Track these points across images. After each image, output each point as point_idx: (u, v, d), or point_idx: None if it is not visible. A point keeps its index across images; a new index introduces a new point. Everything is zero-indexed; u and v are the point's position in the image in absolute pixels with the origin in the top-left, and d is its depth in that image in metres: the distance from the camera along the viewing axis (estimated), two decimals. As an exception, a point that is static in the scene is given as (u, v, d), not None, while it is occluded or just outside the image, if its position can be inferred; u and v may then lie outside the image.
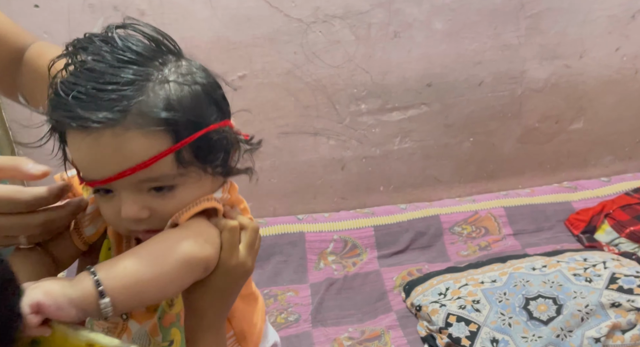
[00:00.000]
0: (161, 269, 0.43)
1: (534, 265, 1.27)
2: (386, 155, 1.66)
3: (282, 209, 1.66)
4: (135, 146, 0.43)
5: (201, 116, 0.45)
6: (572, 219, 1.54)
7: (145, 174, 0.44)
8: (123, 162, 0.43)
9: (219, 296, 0.49)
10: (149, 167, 0.43)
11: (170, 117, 0.43)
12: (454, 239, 1.53)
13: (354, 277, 1.41)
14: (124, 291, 0.41)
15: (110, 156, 0.43)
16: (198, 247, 0.45)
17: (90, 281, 0.39)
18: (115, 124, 0.42)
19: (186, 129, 0.44)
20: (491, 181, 1.74)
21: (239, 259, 0.48)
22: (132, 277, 0.41)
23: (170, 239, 0.45)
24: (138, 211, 0.45)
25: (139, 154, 0.43)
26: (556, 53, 1.61)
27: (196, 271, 0.46)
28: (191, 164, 0.45)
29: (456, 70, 1.58)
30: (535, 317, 1.13)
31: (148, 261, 0.43)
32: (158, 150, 0.43)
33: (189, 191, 0.46)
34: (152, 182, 0.45)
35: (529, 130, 1.69)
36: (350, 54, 1.52)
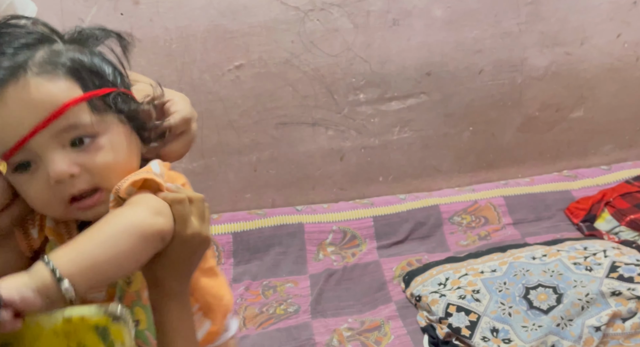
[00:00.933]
0: (116, 245, 0.43)
1: (534, 254, 1.27)
2: (385, 146, 1.64)
3: (281, 200, 1.65)
4: (43, 94, 0.43)
5: (104, 71, 0.48)
6: (572, 208, 1.54)
7: (62, 123, 0.43)
8: (35, 113, 0.42)
9: (179, 266, 0.50)
10: (64, 114, 0.43)
11: (73, 64, 0.45)
12: (453, 229, 1.53)
13: (354, 268, 1.41)
14: (82, 272, 0.40)
15: (21, 111, 0.42)
16: (150, 219, 0.45)
17: (45, 268, 0.39)
18: (17, 77, 0.42)
19: (91, 80, 0.46)
20: (491, 170, 1.73)
21: (193, 230, 0.49)
22: (88, 257, 0.41)
23: (121, 215, 0.45)
24: (67, 166, 0.44)
25: (49, 101, 0.43)
26: (557, 40, 1.59)
27: (152, 243, 0.46)
28: (106, 112, 0.47)
29: (456, 59, 1.56)
30: (536, 307, 1.13)
31: (102, 239, 0.43)
32: (68, 96, 0.44)
33: (113, 141, 0.47)
34: (72, 130, 0.44)
35: (529, 119, 1.68)
36: (348, 42, 1.50)
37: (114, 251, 0.43)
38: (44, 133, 0.43)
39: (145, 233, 0.45)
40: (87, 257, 0.41)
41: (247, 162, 1.59)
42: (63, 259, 0.40)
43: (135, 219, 0.45)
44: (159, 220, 0.46)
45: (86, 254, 0.41)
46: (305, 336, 1.17)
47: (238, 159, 1.58)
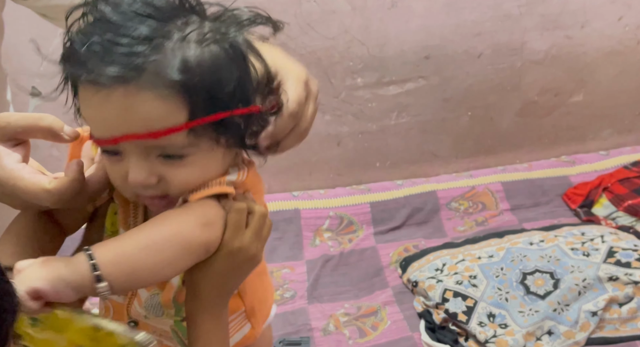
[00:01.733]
0: (158, 253, 0.43)
1: (531, 240, 1.26)
2: (383, 131, 1.63)
3: (277, 186, 1.64)
4: (146, 109, 0.41)
5: (222, 90, 0.42)
6: (570, 194, 1.53)
7: (154, 142, 0.42)
8: (132, 124, 0.41)
9: (220, 279, 0.48)
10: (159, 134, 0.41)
11: (187, 83, 0.41)
12: (450, 215, 1.52)
13: (350, 253, 1.40)
14: (120, 275, 0.41)
15: (120, 116, 0.41)
16: (198, 231, 0.45)
17: (86, 264, 0.39)
18: (127, 82, 0.40)
19: (203, 101, 0.42)
20: (489, 155, 1.71)
21: (242, 243, 0.47)
22: (129, 260, 0.41)
23: (170, 221, 0.45)
24: (146, 177, 0.43)
25: (150, 117, 0.41)
26: (557, 23, 1.56)
27: (195, 254, 0.46)
28: (204, 135, 0.43)
29: (455, 42, 1.54)
30: (532, 292, 1.13)
31: (145, 244, 0.43)
32: (171, 118, 0.41)
33: (200, 160, 0.45)
34: (161, 149, 0.43)
35: (528, 103, 1.66)
36: (346, 24, 1.47)
37: (155, 259, 0.43)
38: (134, 142, 0.42)
39: (189, 244, 0.44)
40: (128, 261, 0.41)
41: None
42: (105, 257, 0.40)
43: (182, 228, 0.44)
44: (205, 232, 0.45)
45: (128, 257, 0.42)
46: (301, 321, 1.17)
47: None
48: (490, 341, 1.06)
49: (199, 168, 0.45)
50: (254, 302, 0.58)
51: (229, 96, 0.43)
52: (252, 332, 0.59)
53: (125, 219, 0.52)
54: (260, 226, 0.49)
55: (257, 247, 0.49)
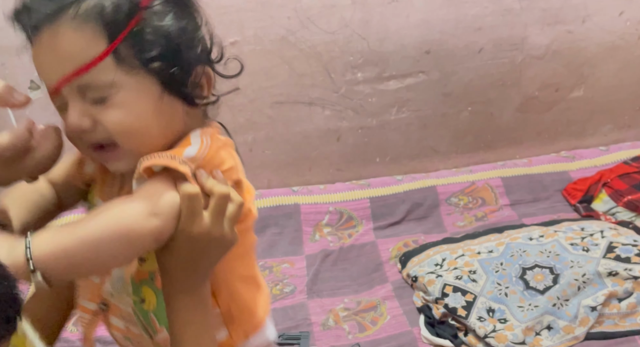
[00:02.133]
0: (98, 246, 0.42)
1: (531, 235, 1.26)
2: (383, 126, 1.62)
3: (277, 181, 1.64)
4: (67, 44, 0.41)
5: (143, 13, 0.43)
6: (570, 189, 1.53)
7: (82, 80, 0.42)
8: (61, 65, 0.42)
9: (187, 263, 0.47)
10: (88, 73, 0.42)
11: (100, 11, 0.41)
12: (450, 210, 1.52)
13: (350, 248, 1.40)
14: (56, 267, 0.40)
15: (50, 58, 0.42)
16: (142, 221, 0.43)
17: (22, 255, 0.39)
18: (51, 22, 0.42)
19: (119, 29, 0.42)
20: (489, 151, 1.71)
21: (202, 227, 0.46)
22: (67, 254, 0.41)
23: (113, 211, 0.44)
24: (78, 118, 0.44)
25: (72, 52, 0.42)
26: (558, 18, 1.55)
27: (140, 245, 0.45)
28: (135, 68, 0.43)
29: (455, 37, 1.53)
30: (532, 287, 1.13)
31: (85, 237, 0.42)
32: (91, 50, 0.42)
33: (132, 101, 0.44)
34: (92, 89, 0.43)
35: (529, 99, 1.65)
36: (346, 19, 1.46)
37: (95, 253, 0.42)
38: (68, 85, 0.43)
39: (132, 235, 0.43)
40: (66, 255, 0.41)
41: (242, 142, 1.56)
42: (43, 249, 0.40)
43: (126, 219, 0.43)
44: (151, 222, 0.44)
45: (66, 251, 0.41)
46: (301, 316, 1.17)
47: (233, 138, 1.55)
48: (489, 335, 1.06)
49: (130, 109, 0.44)
50: (231, 307, 0.55)
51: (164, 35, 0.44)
52: (228, 341, 0.55)
53: (102, 188, 0.52)
54: (221, 208, 0.47)
55: (221, 229, 0.47)
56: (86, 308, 0.55)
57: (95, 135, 0.45)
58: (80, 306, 0.56)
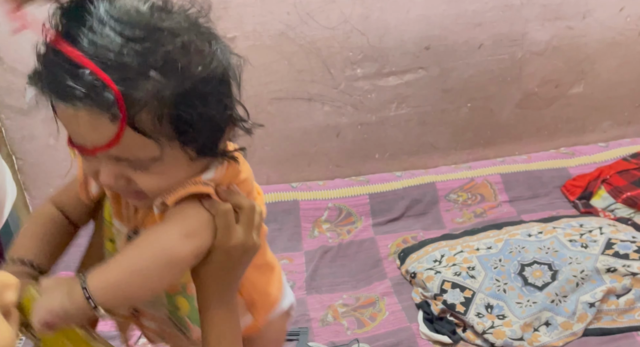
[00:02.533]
0: (145, 274, 0.46)
1: (529, 231, 1.27)
2: (382, 122, 1.62)
3: (276, 177, 1.64)
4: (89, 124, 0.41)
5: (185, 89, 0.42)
6: (569, 185, 1.53)
7: (115, 154, 0.43)
8: (99, 139, 0.42)
9: (222, 274, 0.51)
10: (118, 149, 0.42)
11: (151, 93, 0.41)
12: (449, 207, 1.52)
13: (349, 245, 1.40)
14: (113, 300, 0.45)
15: (88, 132, 0.42)
16: (180, 244, 0.46)
17: (82, 296, 0.43)
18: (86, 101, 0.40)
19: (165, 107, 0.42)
20: (488, 147, 1.71)
21: (237, 240, 0.49)
22: (119, 287, 0.45)
23: (152, 239, 0.47)
24: (114, 180, 0.45)
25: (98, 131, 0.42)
26: (559, 14, 1.55)
27: (182, 266, 0.48)
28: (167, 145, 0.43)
29: (455, 33, 1.52)
30: (530, 283, 1.13)
31: (132, 269, 0.46)
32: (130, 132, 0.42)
33: (167, 168, 0.45)
34: (126, 161, 0.44)
35: (528, 95, 1.65)
36: (346, 14, 1.45)
37: (143, 280, 0.46)
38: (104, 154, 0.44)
39: (174, 259, 0.46)
40: (119, 288, 0.45)
41: (241, 138, 1.56)
42: (97, 287, 0.44)
43: (165, 244, 0.46)
44: (189, 243, 0.47)
45: (118, 284, 0.45)
46: (300, 312, 1.17)
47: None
48: (487, 331, 1.07)
49: (166, 175, 0.46)
50: (253, 294, 0.59)
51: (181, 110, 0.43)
52: (255, 324, 0.61)
53: (118, 210, 0.54)
54: (250, 219, 0.50)
55: (252, 239, 0.50)
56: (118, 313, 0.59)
57: (126, 189, 0.47)
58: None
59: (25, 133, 1.45)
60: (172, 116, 0.42)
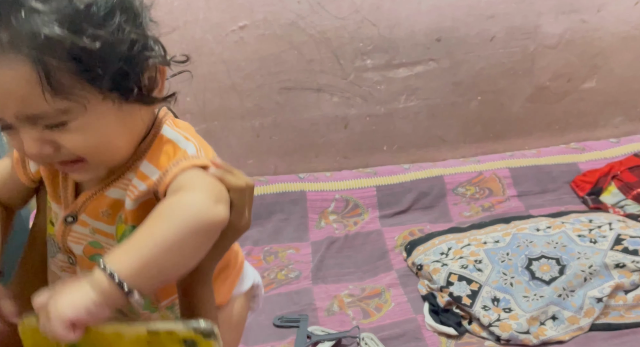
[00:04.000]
0: (183, 247, 0.41)
1: (538, 226, 1.26)
2: (391, 114, 1.61)
3: (283, 168, 1.63)
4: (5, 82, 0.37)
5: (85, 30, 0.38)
6: (578, 181, 1.52)
7: (25, 112, 0.39)
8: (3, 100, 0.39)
9: (220, 254, 0.49)
10: (25, 105, 0.38)
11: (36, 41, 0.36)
12: (457, 200, 1.51)
13: (355, 236, 1.40)
14: (148, 281, 0.40)
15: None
16: (214, 210, 0.42)
17: (111, 283, 0.38)
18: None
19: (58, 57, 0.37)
20: (497, 141, 1.70)
21: (245, 220, 0.47)
22: (154, 266, 0.40)
23: (180, 206, 0.42)
24: (39, 148, 0.41)
25: (10, 89, 0.38)
26: (573, 6, 1.52)
27: (216, 233, 0.43)
28: (74, 90, 0.39)
29: (467, 24, 1.51)
30: (538, 277, 1.13)
31: (165, 243, 0.40)
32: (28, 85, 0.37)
33: (89, 121, 0.41)
34: (39, 119, 0.40)
35: (540, 89, 1.63)
36: (357, 4, 1.44)
37: (180, 253, 0.41)
38: (8, 117, 0.40)
39: (210, 226, 0.42)
40: (151, 264, 0.39)
41: (249, 128, 1.56)
42: (127, 270, 0.39)
43: (197, 211, 0.41)
44: (222, 209, 0.43)
45: (149, 261, 0.39)
46: (306, 301, 1.17)
47: (241, 124, 1.55)
48: (493, 324, 1.06)
49: (91, 130, 0.41)
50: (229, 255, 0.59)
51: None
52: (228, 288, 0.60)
53: (53, 191, 0.50)
54: (251, 199, 0.48)
55: (250, 220, 0.49)
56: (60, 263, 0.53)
57: (59, 156, 0.43)
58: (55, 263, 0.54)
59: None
60: (67, 49, 0.37)
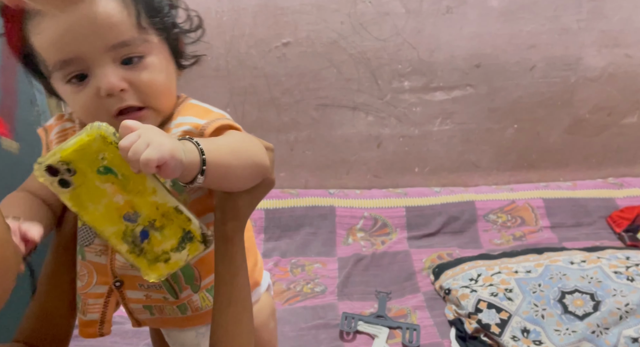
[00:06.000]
0: (241, 160, 0.49)
1: (572, 259, 1.23)
2: (425, 136, 1.61)
3: (314, 182, 1.65)
4: (101, 11, 0.45)
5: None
6: (615, 217, 1.48)
7: (115, 39, 0.46)
8: (93, 30, 0.45)
9: (254, 205, 0.55)
10: (117, 30, 0.46)
11: None
12: (487, 227, 1.49)
13: (382, 255, 1.39)
14: (214, 166, 0.45)
15: (80, 25, 0.45)
16: (264, 154, 0.52)
17: (196, 153, 0.44)
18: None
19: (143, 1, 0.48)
20: (532, 170, 1.67)
21: (273, 175, 0.56)
22: (221, 157, 0.46)
23: (244, 140, 0.51)
24: (118, 81, 0.47)
25: (106, 18, 0.46)
26: (617, 41, 1.51)
27: (259, 176, 0.53)
28: (149, 28, 0.49)
29: (508, 52, 1.51)
30: (571, 312, 1.09)
31: (233, 149, 0.48)
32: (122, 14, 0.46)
33: (157, 62, 0.50)
34: (123, 47, 0.47)
35: (578, 121, 1.61)
36: (398, 27, 1.47)
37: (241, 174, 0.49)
38: (98, 48, 0.46)
39: (261, 168, 0.51)
40: (221, 157, 0.46)
41: (284, 141, 1.59)
42: (208, 148, 0.45)
43: (256, 148, 0.51)
44: (267, 157, 0.53)
45: (221, 153, 0.46)
46: (330, 316, 1.17)
47: (276, 136, 1.58)
48: (522, 356, 1.03)
49: (157, 69, 0.50)
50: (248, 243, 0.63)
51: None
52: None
53: None
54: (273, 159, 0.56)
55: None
56: (96, 293, 0.56)
57: (127, 99, 0.48)
58: (88, 294, 0.56)
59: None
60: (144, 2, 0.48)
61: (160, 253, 0.46)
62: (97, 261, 0.55)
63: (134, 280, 0.56)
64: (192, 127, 0.51)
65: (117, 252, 0.49)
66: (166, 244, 0.46)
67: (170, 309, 0.58)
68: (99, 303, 0.56)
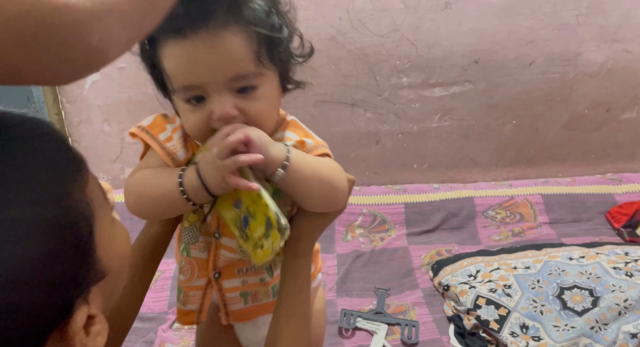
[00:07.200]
0: (323, 181, 0.53)
1: (571, 255, 1.23)
2: (423, 132, 1.61)
3: (313, 179, 1.65)
4: (227, 45, 0.49)
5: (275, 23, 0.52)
6: (614, 212, 1.48)
7: (235, 72, 0.50)
8: (217, 62, 0.49)
9: (326, 224, 0.59)
10: (238, 65, 0.50)
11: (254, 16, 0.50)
12: (486, 223, 1.49)
13: (381, 252, 1.39)
14: (294, 172, 0.51)
15: (206, 57, 0.49)
16: (344, 186, 0.57)
17: (283, 152, 0.51)
18: (207, 23, 0.48)
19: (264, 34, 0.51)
20: (530, 166, 1.67)
21: (345, 207, 0.60)
22: (303, 169, 0.52)
23: (332, 165, 0.56)
24: (231, 109, 0.51)
25: (230, 52, 0.49)
26: (616, 36, 1.51)
27: (334, 199, 0.56)
28: (266, 62, 0.52)
29: (506, 48, 1.51)
30: (569, 308, 1.09)
31: (320, 170, 0.53)
32: (245, 48, 0.50)
33: (267, 92, 0.53)
34: (241, 80, 0.51)
35: (577, 116, 1.61)
36: (397, 23, 1.46)
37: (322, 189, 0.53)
38: (219, 79, 0.50)
39: (339, 193, 0.55)
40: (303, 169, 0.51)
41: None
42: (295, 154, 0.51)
43: (338, 175, 0.56)
44: (346, 186, 0.57)
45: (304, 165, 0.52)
46: (329, 313, 1.16)
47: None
48: (521, 352, 1.03)
49: (267, 100, 0.53)
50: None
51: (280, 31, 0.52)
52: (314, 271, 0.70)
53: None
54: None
55: None
56: (197, 286, 0.63)
57: (233, 122, 0.52)
58: (190, 287, 0.63)
59: (83, 117, 1.52)
60: (266, 37, 0.51)
61: (257, 239, 0.50)
62: (200, 256, 0.62)
63: (232, 267, 0.62)
64: (297, 144, 0.56)
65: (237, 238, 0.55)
66: (259, 231, 0.50)
67: (264, 292, 0.64)
68: (198, 295, 0.63)
